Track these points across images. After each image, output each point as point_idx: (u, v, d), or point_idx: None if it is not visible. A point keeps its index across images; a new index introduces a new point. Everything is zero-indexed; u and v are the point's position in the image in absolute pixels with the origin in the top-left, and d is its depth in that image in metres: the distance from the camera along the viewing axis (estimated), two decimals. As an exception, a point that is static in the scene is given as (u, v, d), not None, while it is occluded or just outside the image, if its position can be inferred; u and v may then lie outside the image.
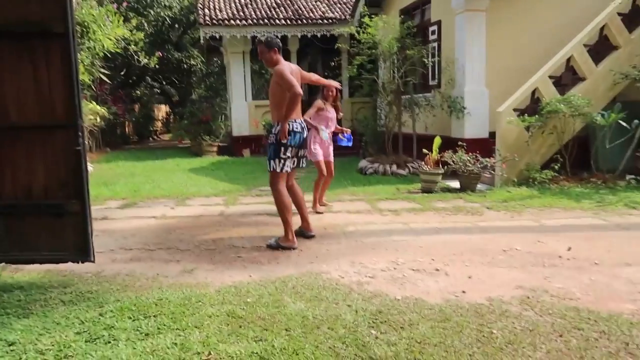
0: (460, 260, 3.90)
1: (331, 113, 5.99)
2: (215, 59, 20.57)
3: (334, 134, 6.19)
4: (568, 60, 7.62)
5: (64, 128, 3.36)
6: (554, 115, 7.04)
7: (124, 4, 14.34)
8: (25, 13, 3.29)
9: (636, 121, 7.05)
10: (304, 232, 4.71)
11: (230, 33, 12.53)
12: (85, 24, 9.26)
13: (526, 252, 4.09)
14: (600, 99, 7.61)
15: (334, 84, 5.67)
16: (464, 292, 3.24)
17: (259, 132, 13.01)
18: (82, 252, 3.44)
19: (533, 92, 7.52)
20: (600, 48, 7.83)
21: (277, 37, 4.58)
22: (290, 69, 4.36)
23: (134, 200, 6.87)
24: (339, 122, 6.43)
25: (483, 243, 4.39)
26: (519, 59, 8.15)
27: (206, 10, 12.83)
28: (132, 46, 10.59)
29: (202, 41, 13.23)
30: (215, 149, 13.05)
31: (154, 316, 2.90)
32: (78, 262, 3.49)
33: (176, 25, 19.56)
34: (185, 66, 20.43)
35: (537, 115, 7.12)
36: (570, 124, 7.17)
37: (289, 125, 4.28)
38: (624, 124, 7.00)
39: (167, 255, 4.29)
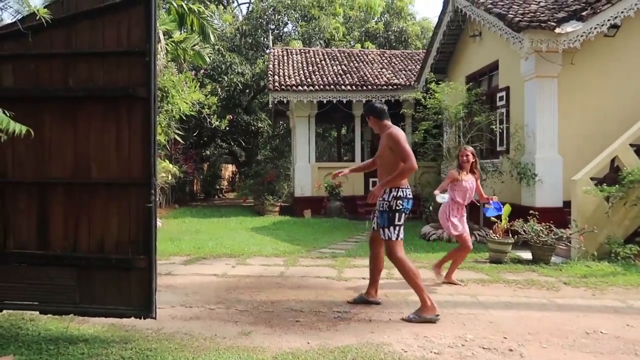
0: (536, 341, 3.56)
1: (469, 182, 5.43)
2: (281, 122, 21.40)
3: (473, 204, 5.77)
4: (648, 128, 7.19)
5: (138, 186, 3.51)
6: (637, 186, 6.56)
7: (202, 72, 15.39)
8: (115, 79, 3.56)
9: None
10: (367, 299, 4.52)
11: (297, 98, 13.03)
12: (165, 89, 9.98)
13: (614, 337, 3.68)
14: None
15: (469, 149, 5.47)
16: (542, 378, 2.92)
17: (321, 193, 13.12)
18: (145, 308, 3.47)
19: (612, 160, 7.11)
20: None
21: (381, 104, 4.54)
22: (403, 136, 4.29)
23: (197, 257, 6.99)
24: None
25: (562, 322, 4.01)
26: (595, 126, 7.81)
27: (276, 77, 13.49)
28: (206, 109, 11.20)
29: (270, 105, 13.81)
30: (277, 208, 13.23)
31: (210, 380, 2.81)
32: (140, 318, 3.52)
33: (247, 91, 20.65)
34: (253, 128, 21.34)
35: (617, 185, 6.67)
36: (656, 195, 6.64)
37: (402, 192, 4.19)
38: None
39: (226, 315, 4.24)
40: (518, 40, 7.72)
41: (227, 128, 13.85)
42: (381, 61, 15.43)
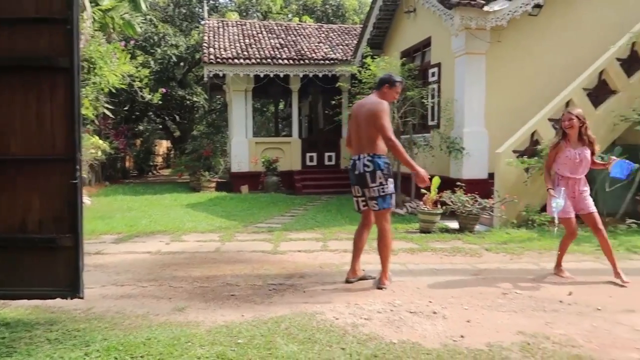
0: (458, 303, 3.81)
1: (577, 153, 4.46)
2: (218, 97, 20.90)
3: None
4: (567, 103, 7.69)
5: (62, 161, 3.34)
6: (552, 158, 7.04)
7: (132, 43, 14.66)
8: (35, 48, 3.34)
9: (636, 165, 7.05)
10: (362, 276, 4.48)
11: (233, 71, 12.76)
12: (92, 60, 9.43)
13: (527, 296, 4.00)
14: (600, 142, 7.56)
15: (575, 111, 4.55)
16: (462, 336, 3.14)
17: (258, 168, 13.06)
18: (72, 287, 3.36)
19: (532, 134, 7.56)
20: (600, 92, 7.90)
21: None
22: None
23: (129, 235, 6.80)
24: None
25: (482, 286, 4.30)
26: (519, 101, 8.25)
27: (211, 49, 13.11)
28: (137, 82, 10.74)
29: (206, 79, 13.45)
30: (213, 184, 13.06)
31: (141, 357, 2.80)
32: (67, 298, 3.40)
33: (181, 64, 19.95)
34: (188, 103, 20.72)
35: (536, 157, 7.14)
36: (569, 167, 7.16)
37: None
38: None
39: (159, 292, 4.19)
40: (449, 17, 7.95)
41: (160, 102, 13.34)
42: (319, 35, 15.38)
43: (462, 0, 7.65)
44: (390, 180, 4.21)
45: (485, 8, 7.58)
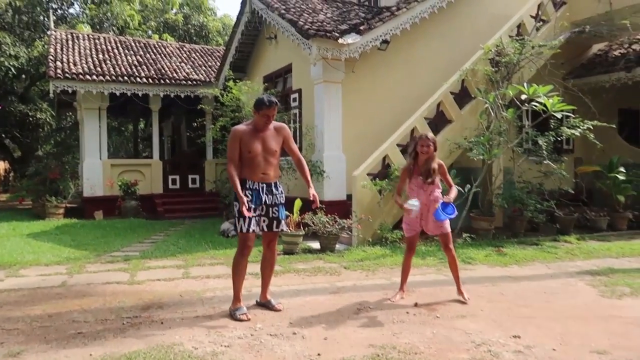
0: (317, 322, 3.96)
1: (427, 180, 4.55)
2: (68, 114, 19.16)
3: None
4: (412, 131, 8.54)
5: None
6: (401, 180, 7.74)
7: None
8: None
9: (468, 186, 8.05)
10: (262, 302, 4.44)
11: (85, 88, 11.83)
12: None
13: (378, 310, 4.31)
14: (439, 166, 8.57)
15: (430, 136, 4.62)
16: (319, 354, 3.27)
17: (115, 192, 12.20)
18: None
19: (384, 158, 8.23)
20: (439, 121, 8.93)
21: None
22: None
23: (-49, 273, 5.86)
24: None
25: (339, 303, 4.53)
26: (372, 127, 8.92)
27: (58, 63, 12.02)
28: (-36, 96, 9.41)
29: (52, 95, 12.28)
30: (62, 210, 11.83)
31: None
32: None
33: (22, 76, 17.95)
34: (30, 120, 18.63)
35: (387, 180, 7.77)
36: (416, 188, 7.93)
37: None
38: (458, 188, 7.93)
39: (-12, 337, 3.68)
40: (307, 46, 8.36)
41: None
42: (180, 55, 15.03)
43: (319, 32, 8.11)
44: (235, 203, 4.16)
45: (340, 40, 8.12)
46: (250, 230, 4.14)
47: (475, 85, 8.96)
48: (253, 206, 4.14)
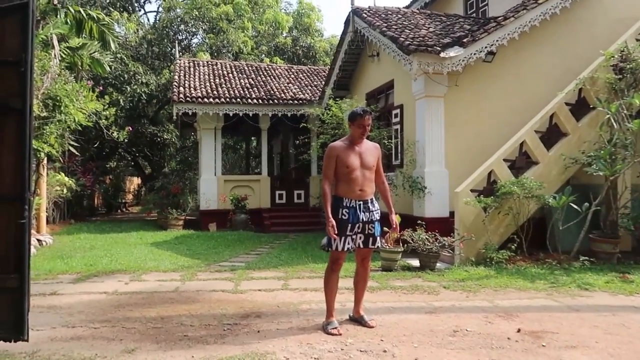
0: (409, 342, 3.86)
1: None
2: (191, 134, 20.97)
3: None
4: (521, 144, 8.05)
5: (9, 200, 3.34)
6: (508, 197, 7.31)
7: (101, 83, 14.71)
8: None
9: (586, 204, 7.36)
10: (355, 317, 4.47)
11: (202, 110, 12.91)
12: (58, 97, 9.43)
13: (476, 334, 4.08)
14: (553, 182, 7.97)
15: None
16: (408, 375, 3.18)
17: (227, 206, 13.04)
18: (16, 330, 3.29)
19: (489, 174, 7.84)
20: (552, 134, 8.31)
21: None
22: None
23: (87, 275, 6.67)
24: None
25: (435, 324, 4.37)
26: (477, 142, 8.57)
27: (181, 89, 13.26)
28: (103, 120, 10.74)
29: (175, 117, 13.55)
30: (181, 222, 12.93)
31: (81, 401, 2.75)
32: (11, 341, 3.33)
33: (153, 101, 20.03)
34: (158, 140, 20.68)
35: (493, 197, 7.38)
36: (525, 206, 7.44)
37: None
38: (574, 206, 7.29)
39: (110, 333, 4.12)
40: (408, 62, 8.30)
41: (126, 139, 13.30)
42: (288, 76, 15.75)
43: (419, 47, 8.02)
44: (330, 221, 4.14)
45: (442, 54, 7.95)
46: (345, 248, 4.18)
47: (595, 94, 8.20)
48: (350, 225, 4.17)
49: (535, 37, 8.94)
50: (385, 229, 7.30)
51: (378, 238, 4.30)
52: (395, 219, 4.45)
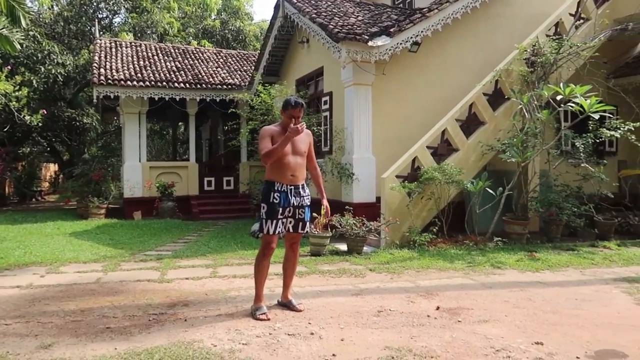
0: (336, 323, 3.98)
1: None
2: (115, 118, 19.95)
3: None
4: (443, 132, 8.43)
5: None
6: (431, 182, 7.66)
7: (10, 62, 13.59)
8: None
9: (500, 189, 7.88)
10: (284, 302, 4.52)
11: (126, 93, 12.31)
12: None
13: (399, 313, 4.28)
14: (471, 168, 8.45)
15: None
16: (334, 355, 3.29)
17: (153, 194, 12.60)
18: None
19: (414, 161, 8.16)
20: (471, 123, 8.78)
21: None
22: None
23: (-3, 268, 6.22)
24: None
25: (361, 305, 4.53)
26: (402, 129, 8.88)
27: (102, 70, 12.55)
28: (14, 102, 9.96)
29: (95, 100, 12.83)
30: (103, 211, 12.33)
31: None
32: None
33: (71, 83, 18.80)
34: (77, 124, 19.47)
35: (416, 182, 7.70)
36: (446, 190, 7.83)
37: None
38: (490, 191, 7.78)
39: (24, 329, 3.89)
40: (337, 49, 8.40)
41: (40, 123, 12.42)
42: (217, 60, 15.38)
43: (348, 35, 8.14)
44: (263, 205, 4.27)
45: (370, 43, 8.12)
46: (276, 232, 4.22)
47: (509, 86, 8.76)
48: (280, 209, 4.20)
49: (458, 30, 9.35)
50: (315, 214, 7.42)
51: (308, 223, 4.38)
52: (327, 204, 4.53)
